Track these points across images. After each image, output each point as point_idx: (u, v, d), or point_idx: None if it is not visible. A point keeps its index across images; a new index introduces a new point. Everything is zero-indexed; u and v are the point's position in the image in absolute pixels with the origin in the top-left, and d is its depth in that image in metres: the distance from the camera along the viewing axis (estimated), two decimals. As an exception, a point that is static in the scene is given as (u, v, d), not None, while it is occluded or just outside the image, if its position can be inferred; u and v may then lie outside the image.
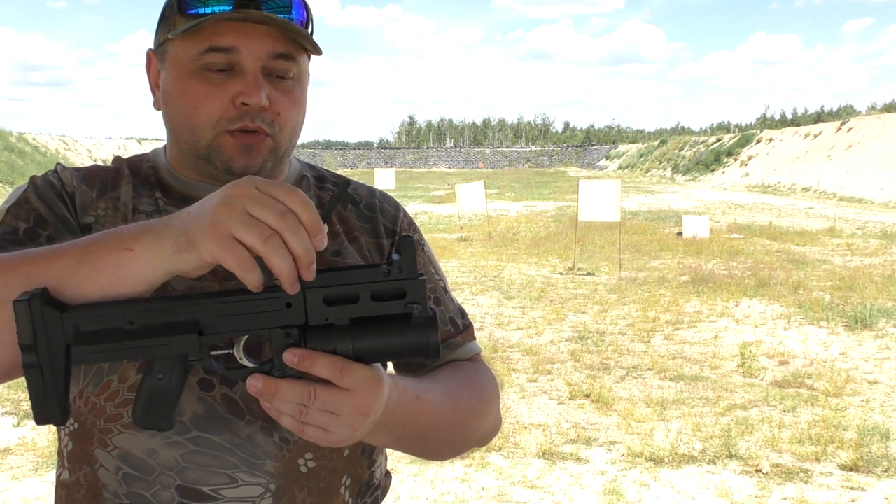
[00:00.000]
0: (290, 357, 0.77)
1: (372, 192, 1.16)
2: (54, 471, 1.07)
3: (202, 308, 0.77)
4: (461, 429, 1.04)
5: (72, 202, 1.00)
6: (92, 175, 1.04)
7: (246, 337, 0.82)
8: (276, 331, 0.78)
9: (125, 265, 0.77)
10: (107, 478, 0.96)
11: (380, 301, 0.78)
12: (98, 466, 0.96)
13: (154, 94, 1.03)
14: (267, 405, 0.79)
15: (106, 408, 0.94)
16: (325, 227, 0.76)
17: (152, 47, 1.04)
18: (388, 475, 1.14)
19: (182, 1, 0.95)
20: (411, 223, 1.18)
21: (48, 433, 4.81)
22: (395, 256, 0.79)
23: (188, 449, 0.93)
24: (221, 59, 0.94)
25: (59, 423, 0.77)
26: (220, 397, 0.94)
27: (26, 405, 5.32)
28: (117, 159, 1.08)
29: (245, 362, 0.81)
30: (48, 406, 0.76)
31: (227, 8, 0.93)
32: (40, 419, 0.77)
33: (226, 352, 0.82)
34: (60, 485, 1.03)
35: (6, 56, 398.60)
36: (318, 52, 1.00)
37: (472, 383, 1.08)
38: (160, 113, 1.03)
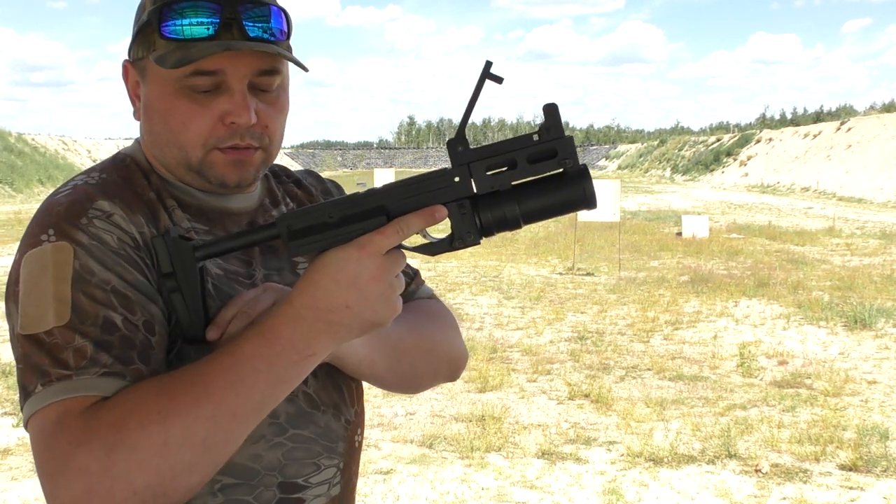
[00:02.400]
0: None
1: (317, 175, 1.23)
2: None
3: (387, 194, 0.87)
4: (431, 350, 1.15)
5: (147, 254, 0.91)
6: (131, 205, 0.94)
7: None
8: (451, 205, 0.87)
9: (308, 368, 0.87)
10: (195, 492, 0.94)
11: (535, 163, 0.86)
12: None
13: (134, 104, 1.01)
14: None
15: None
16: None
17: (128, 58, 1.00)
18: None
19: (160, 18, 0.93)
20: None
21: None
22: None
23: (288, 447, 1.00)
24: (208, 82, 0.93)
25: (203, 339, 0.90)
26: (301, 394, 1.01)
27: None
28: (123, 170, 1.00)
29: (429, 239, 0.90)
30: (193, 324, 0.89)
31: (209, 32, 0.92)
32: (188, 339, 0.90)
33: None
34: None
35: (6, 56, 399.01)
36: (303, 68, 0.99)
37: (432, 313, 1.19)
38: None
